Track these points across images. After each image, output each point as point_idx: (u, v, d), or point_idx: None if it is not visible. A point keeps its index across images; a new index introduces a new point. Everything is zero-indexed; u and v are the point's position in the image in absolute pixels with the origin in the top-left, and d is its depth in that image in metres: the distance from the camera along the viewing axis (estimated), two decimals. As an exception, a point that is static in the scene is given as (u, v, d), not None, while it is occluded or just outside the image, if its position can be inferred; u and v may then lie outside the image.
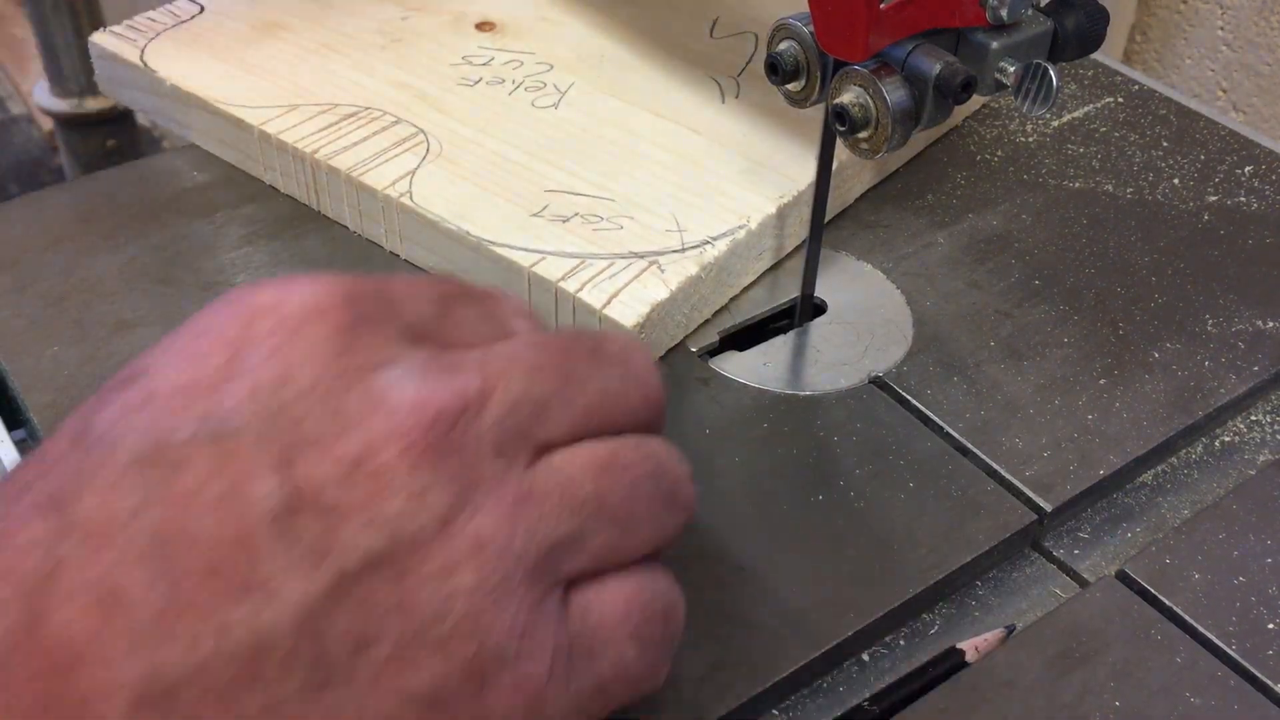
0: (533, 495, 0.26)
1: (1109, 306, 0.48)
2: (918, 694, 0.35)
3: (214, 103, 0.51)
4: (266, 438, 0.24)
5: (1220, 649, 0.36)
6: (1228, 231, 0.52)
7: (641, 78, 0.55)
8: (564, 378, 0.27)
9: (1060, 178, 0.55)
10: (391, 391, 0.25)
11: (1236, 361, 0.45)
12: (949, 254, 0.50)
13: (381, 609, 0.24)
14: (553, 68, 0.55)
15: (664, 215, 0.46)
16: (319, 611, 0.23)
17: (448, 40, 0.57)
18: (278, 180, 0.52)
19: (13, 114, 1.83)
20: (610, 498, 0.27)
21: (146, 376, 0.26)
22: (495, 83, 0.54)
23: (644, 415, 0.29)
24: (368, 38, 0.57)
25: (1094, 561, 0.40)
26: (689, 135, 0.51)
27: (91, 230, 0.50)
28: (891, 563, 0.38)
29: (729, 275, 0.46)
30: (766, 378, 0.44)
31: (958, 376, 0.44)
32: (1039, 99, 0.41)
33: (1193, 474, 0.43)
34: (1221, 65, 0.81)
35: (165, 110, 0.54)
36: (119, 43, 0.55)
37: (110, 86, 0.57)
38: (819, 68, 0.42)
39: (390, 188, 0.47)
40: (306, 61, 0.54)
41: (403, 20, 0.58)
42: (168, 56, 0.54)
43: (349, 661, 0.24)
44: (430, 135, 0.50)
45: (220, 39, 0.56)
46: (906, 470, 0.41)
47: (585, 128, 0.51)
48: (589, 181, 0.48)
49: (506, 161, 0.49)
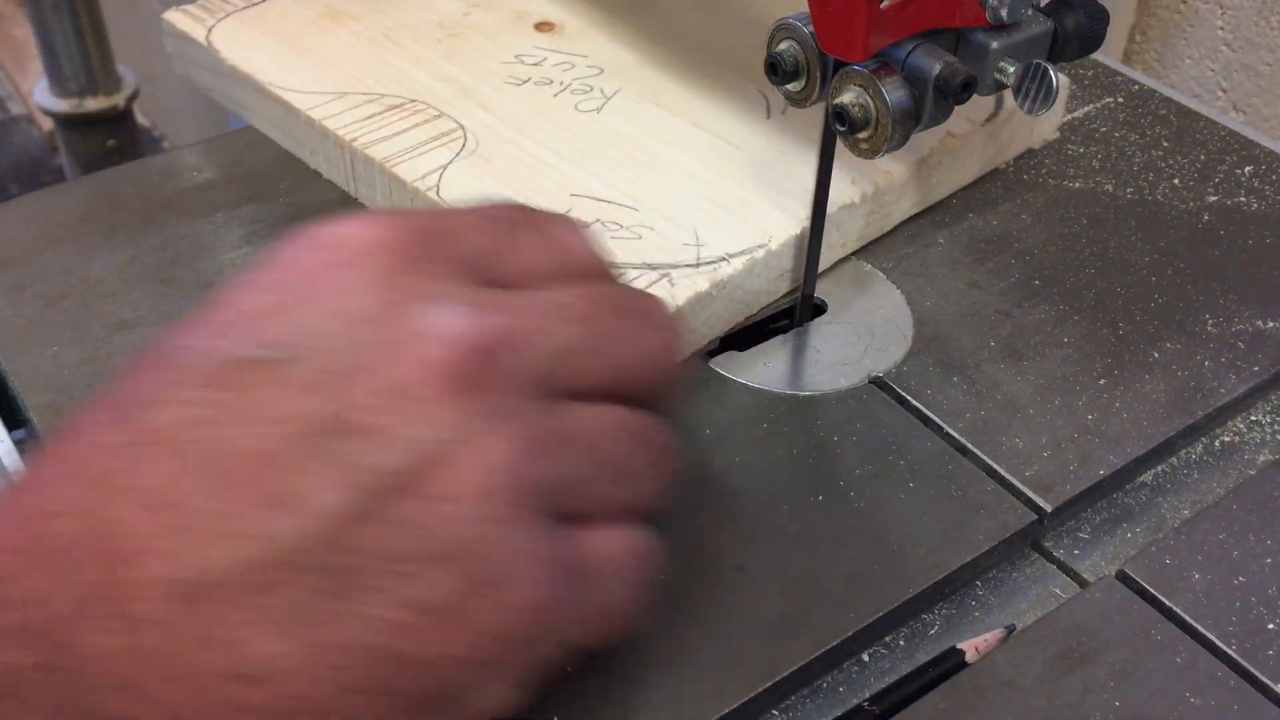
0: (551, 437, 0.28)
1: (1109, 306, 0.48)
2: (918, 694, 0.35)
3: (267, 85, 0.53)
4: (317, 363, 0.26)
5: (1220, 649, 0.36)
6: (1228, 231, 0.52)
7: (689, 88, 0.54)
8: (601, 334, 0.30)
9: (1060, 178, 0.55)
10: (436, 324, 0.27)
11: (1236, 361, 0.45)
12: (949, 254, 0.50)
13: (399, 525, 0.26)
14: (603, 72, 0.55)
15: (685, 228, 0.46)
16: (343, 525, 0.25)
17: (504, 38, 0.57)
18: (321, 165, 0.53)
19: (13, 114, 1.83)
20: (618, 454, 0.30)
21: (221, 305, 0.28)
22: (543, 83, 0.54)
23: (661, 385, 0.32)
24: (427, 30, 0.57)
25: (1094, 561, 0.40)
26: (726, 148, 0.51)
27: (91, 230, 0.50)
28: (891, 563, 0.38)
29: (744, 294, 0.45)
30: (766, 378, 0.44)
31: (958, 376, 0.44)
32: (1039, 99, 0.41)
33: (1193, 474, 0.43)
34: (1221, 65, 0.81)
35: (226, 90, 0.56)
36: (189, 21, 0.57)
37: (179, 64, 0.59)
38: (819, 68, 0.42)
39: (420, 180, 0.48)
40: (363, 50, 0.55)
41: (464, 16, 0.59)
42: (232, 38, 0.56)
43: (368, 571, 0.25)
44: (469, 131, 0.51)
45: (285, 23, 0.57)
46: (906, 470, 0.41)
47: (623, 134, 0.51)
48: (616, 188, 0.48)
49: (538, 162, 0.49)
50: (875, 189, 0.49)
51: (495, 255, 0.30)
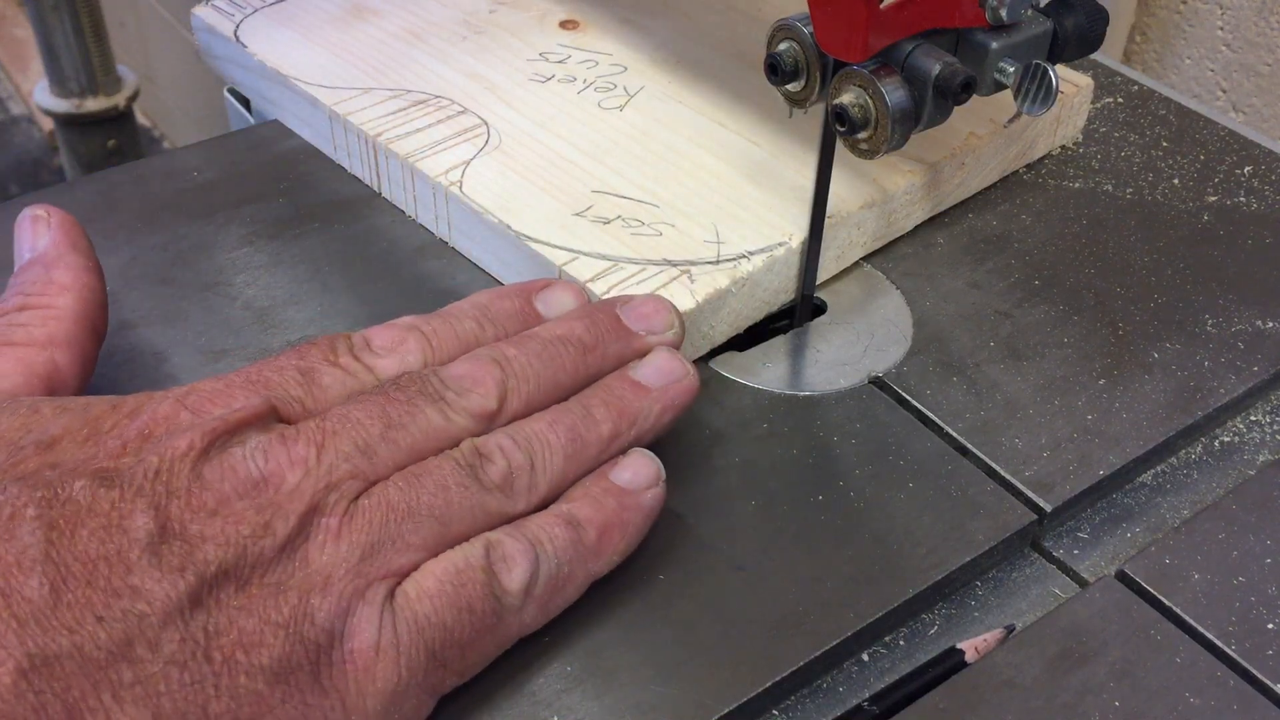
0: (357, 518, 0.33)
1: (1109, 306, 0.48)
2: (917, 694, 0.35)
3: (293, 80, 0.53)
4: (144, 490, 0.31)
5: (1220, 649, 0.36)
6: (1227, 231, 0.52)
7: (712, 86, 0.55)
8: (386, 423, 0.34)
9: (1060, 178, 0.55)
10: (241, 464, 0.32)
11: (1236, 361, 0.45)
12: (949, 254, 0.50)
13: (232, 606, 0.30)
14: (626, 69, 0.55)
15: (706, 225, 0.46)
16: (181, 606, 0.29)
17: (529, 36, 0.58)
18: (345, 160, 0.53)
19: (13, 114, 1.83)
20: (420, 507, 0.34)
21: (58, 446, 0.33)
22: (567, 81, 0.54)
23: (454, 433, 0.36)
24: (452, 27, 0.58)
25: (1094, 561, 0.40)
26: (748, 147, 0.51)
27: (91, 230, 0.50)
28: (891, 563, 0.38)
29: (764, 291, 0.46)
30: (766, 378, 0.44)
31: (957, 376, 0.44)
32: (1039, 99, 0.41)
33: (1192, 474, 0.43)
34: (1221, 65, 0.81)
35: (253, 85, 0.57)
36: (218, 16, 0.58)
37: (208, 59, 0.60)
38: (819, 68, 0.42)
39: (443, 176, 0.48)
40: (389, 46, 0.56)
41: (490, 13, 0.59)
42: (260, 33, 0.56)
43: (206, 644, 0.29)
44: (492, 127, 0.51)
45: (312, 19, 0.58)
46: (906, 470, 0.41)
47: (646, 131, 0.51)
48: (638, 185, 0.48)
49: (561, 159, 0.49)
50: (896, 189, 0.49)
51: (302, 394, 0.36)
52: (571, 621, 0.36)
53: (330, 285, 0.48)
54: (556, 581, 0.35)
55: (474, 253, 0.49)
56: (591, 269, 0.44)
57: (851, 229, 0.48)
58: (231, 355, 0.45)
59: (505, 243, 0.46)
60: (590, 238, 0.45)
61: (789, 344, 0.46)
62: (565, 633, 0.36)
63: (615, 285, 0.43)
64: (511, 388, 0.37)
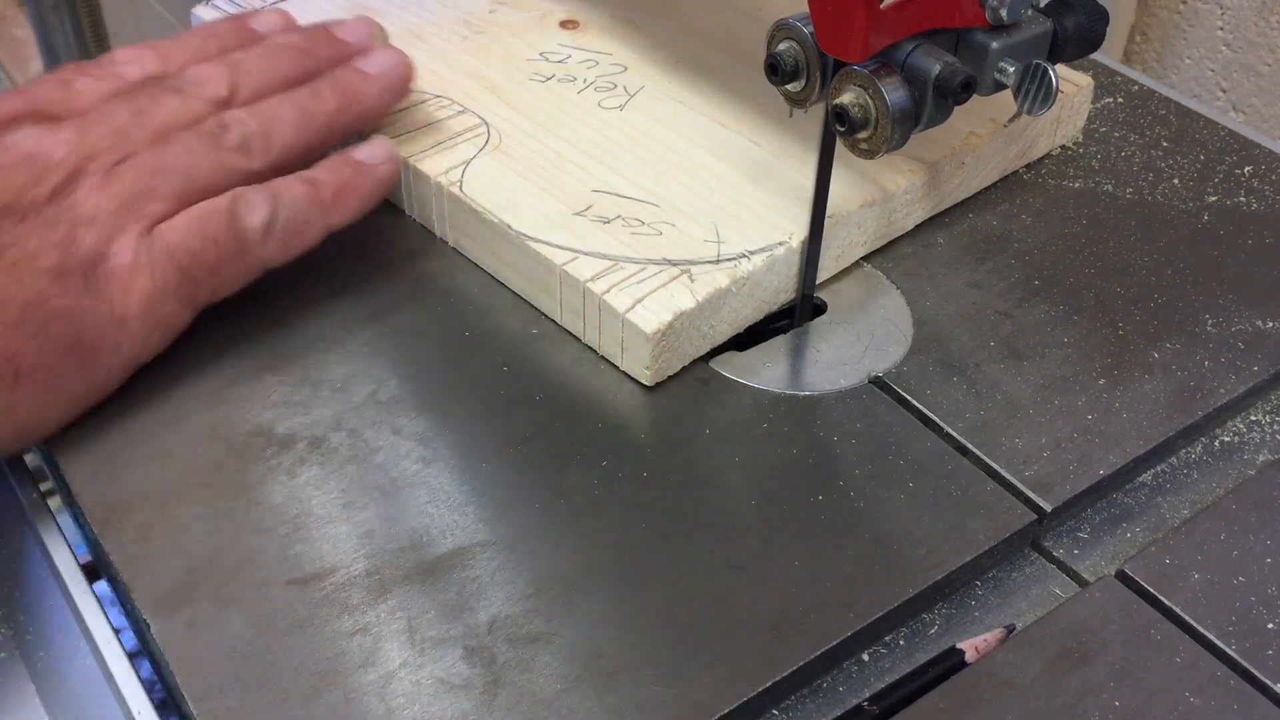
0: (114, 177, 0.41)
1: (1109, 306, 0.48)
2: (917, 694, 0.35)
3: None
4: None
5: (1220, 649, 0.36)
6: (1227, 231, 0.52)
7: (712, 86, 0.55)
8: (136, 111, 0.43)
9: (1060, 178, 0.55)
10: (14, 146, 0.40)
11: (1236, 361, 0.45)
12: (949, 254, 0.50)
13: (17, 230, 0.39)
14: (626, 69, 0.55)
15: (706, 225, 0.46)
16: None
17: (529, 36, 0.58)
18: None
19: (13, 114, 1.82)
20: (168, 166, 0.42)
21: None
22: (567, 80, 0.54)
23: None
24: (453, 27, 0.58)
25: (1094, 561, 0.40)
26: (749, 147, 0.51)
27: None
28: (891, 563, 0.38)
29: (764, 291, 0.46)
30: (766, 378, 0.44)
31: (958, 376, 0.44)
32: (1039, 99, 0.41)
33: (1192, 474, 0.43)
34: (1221, 65, 0.81)
35: None
36: (217, 16, 0.57)
37: None
38: (819, 68, 0.42)
39: (443, 175, 0.48)
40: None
41: (490, 13, 0.59)
42: None
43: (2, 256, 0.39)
44: (493, 127, 0.51)
45: (312, 18, 0.57)
46: (906, 470, 0.41)
47: (646, 131, 0.51)
48: (638, 185, 0.48)
49: (561, 159, 0.49)
50: (896, 188, 0.49)
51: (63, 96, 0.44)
52: (572, 621, 0.36)
53: (330, 285, 0.48)
54: (294, 225, 0.43)
55: (474, 252, 0.49)
56: (592, 268, 0.44)
57: (851, 228, 0.48)
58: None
59: (505, 242, 0.46)
60: (590, 237, 0.45)
61: (789, 344, 0.46)
62: (565, 633, 0.36)
63: (615, 285, 0.43)
64: (241, 80, 0.45)
